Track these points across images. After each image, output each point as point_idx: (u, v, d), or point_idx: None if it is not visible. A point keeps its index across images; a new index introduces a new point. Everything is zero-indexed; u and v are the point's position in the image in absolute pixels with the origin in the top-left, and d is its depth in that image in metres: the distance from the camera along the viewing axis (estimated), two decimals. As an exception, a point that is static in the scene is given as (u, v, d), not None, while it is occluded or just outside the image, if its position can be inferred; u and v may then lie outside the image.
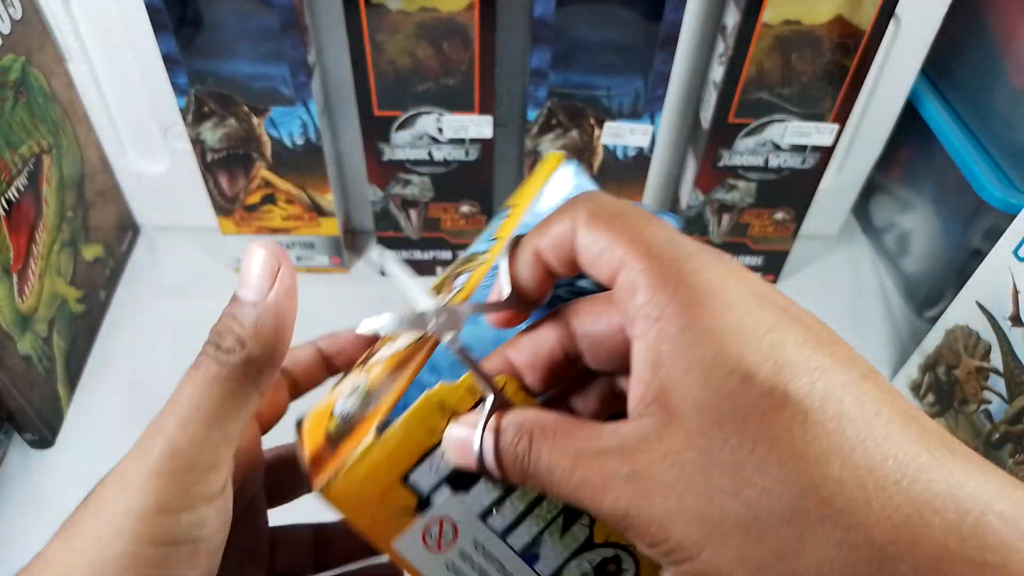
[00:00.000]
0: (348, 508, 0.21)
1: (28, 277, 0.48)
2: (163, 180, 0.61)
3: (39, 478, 0.49)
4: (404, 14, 0.45)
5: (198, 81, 0.48)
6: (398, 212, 0.57)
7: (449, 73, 0.48)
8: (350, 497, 0.20)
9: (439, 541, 0.21)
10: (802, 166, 0.54)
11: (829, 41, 0.47)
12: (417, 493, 0.21)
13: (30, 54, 0.48)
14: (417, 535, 0.21)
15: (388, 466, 0.20)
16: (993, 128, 0.52)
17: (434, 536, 0.21)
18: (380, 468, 0.20)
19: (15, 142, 0.46)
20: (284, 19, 0.45)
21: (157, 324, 0.58)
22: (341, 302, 0.60)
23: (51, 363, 0.50)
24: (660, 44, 0.47)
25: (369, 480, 0.20)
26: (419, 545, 0.21)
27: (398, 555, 0.21)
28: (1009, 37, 0.51)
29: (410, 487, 0.20)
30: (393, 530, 0.21)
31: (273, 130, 0.51)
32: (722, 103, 0.50)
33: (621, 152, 0.53)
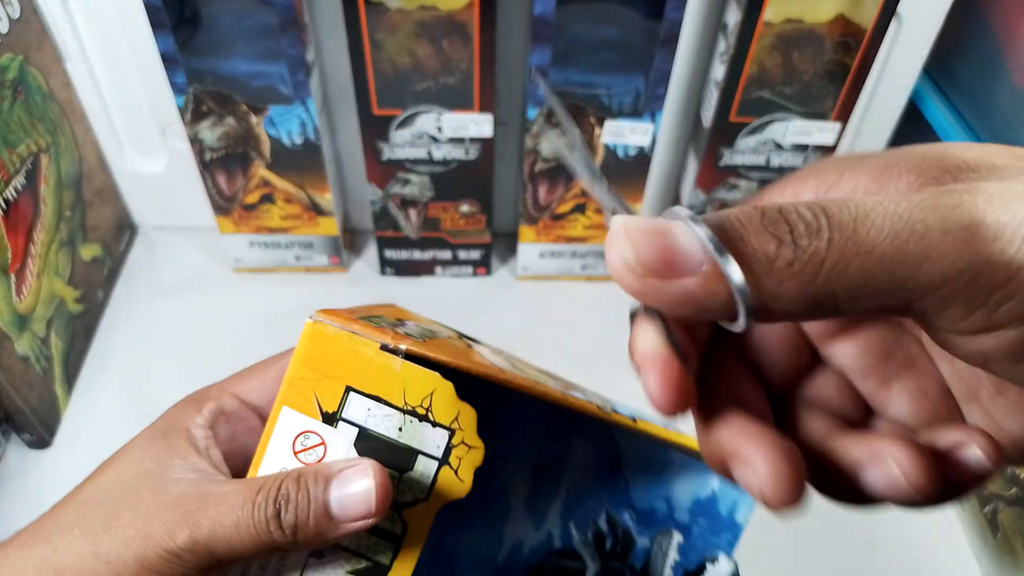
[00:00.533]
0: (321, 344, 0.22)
1: (26, 277, 0.47)
2: (161, 179, 0.61)
3: (37, 478, 0.49)
4: (403, 12, 0.45)
5: (196, 80, 0.48)
6: (397, 211, 0.57)
7: (449, 71, 0.48)
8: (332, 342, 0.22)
9: (307, 451, 0.22)
10: (804, 165, 0.54)
11: (831, 40, 0.47)
12: (341, 404, 0.22)
13: (28, 53, 0.48)
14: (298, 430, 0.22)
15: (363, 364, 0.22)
16: (995, 127, 0.52)
17: (303, 445, 0.22)
18: (367, 358, 0.22)
19: (13, 141, 0.46)
20: (283, 17, 0.45)
21: (155, 324, 0.58)
22: (339, 302, 0.60)
23: (49, 363, 0.50)
24: (661, 42, 0.47)
25: (351, 351, 0.22)
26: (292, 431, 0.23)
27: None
28: (1011, 36, 0.51)
29: (340, 403, 0.22)
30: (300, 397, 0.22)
31: (272, 129, 0.51)
32: (723, 102, 0.50)
33: (622, 151, 0.53)
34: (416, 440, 0.22)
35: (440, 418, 0.22)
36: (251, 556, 0.21)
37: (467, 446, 0.22)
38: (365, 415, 0.22)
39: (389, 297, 0.61)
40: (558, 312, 0.61)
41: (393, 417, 0.22)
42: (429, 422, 0.22)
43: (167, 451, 0.23)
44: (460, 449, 0.22)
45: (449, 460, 0.22)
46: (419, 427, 0.22)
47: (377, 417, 0.22)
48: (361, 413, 0.22)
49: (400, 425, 0.22)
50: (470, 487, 0.22)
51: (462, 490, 0.22)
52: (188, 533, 0.20)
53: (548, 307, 0.61)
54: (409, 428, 0.22)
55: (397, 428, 0.22)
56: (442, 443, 0.22)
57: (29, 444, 0.50)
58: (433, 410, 0.22)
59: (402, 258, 0.61)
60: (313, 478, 0.21)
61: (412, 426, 0.22)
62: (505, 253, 0.64)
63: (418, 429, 0.22)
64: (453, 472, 0.22)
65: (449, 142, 0.52)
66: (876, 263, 0.14)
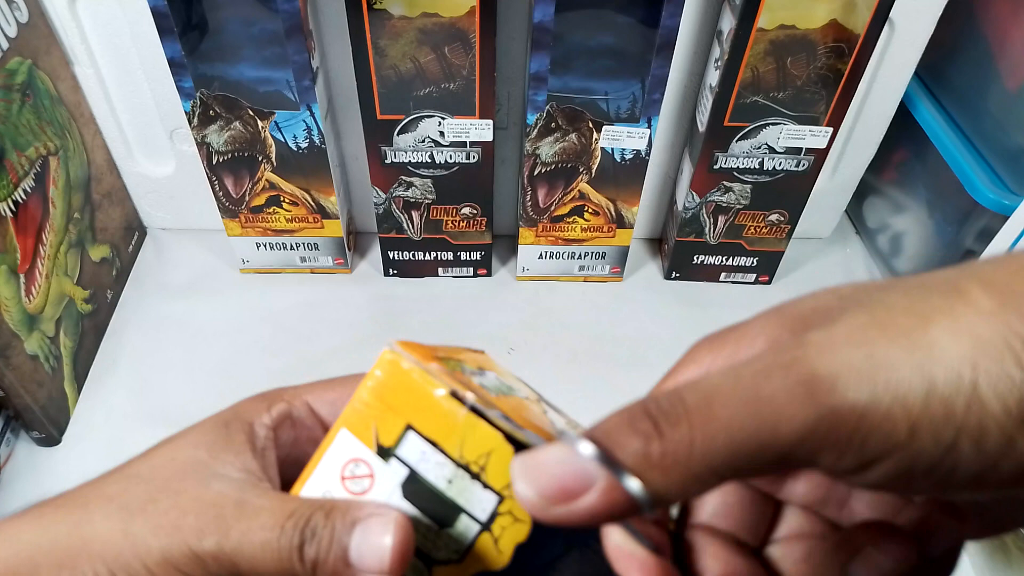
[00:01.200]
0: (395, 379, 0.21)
1: (35, 277, 0.48)
2: (169, 182, 0.61)
3: (46, 476, 0.49)
4: (406, 20, 0.45)
5: (203, 85, 0.49)
6: (400, 214, 0.57)
7: (450, 78, 0.48)
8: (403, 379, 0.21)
9: (354, 479, 0.22)
10: (797, 168, 0.55)
11: (824, 45, 0.48)
12: (398, 440, 0.21)
13: (36, 57, 0.49)
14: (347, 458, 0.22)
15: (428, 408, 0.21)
16: (986, 130, 0.53)
17: (351, 472, 0.22)
18: (427, 399, 0.21)
19: (22, 144, 0.47)
20: (288, 24, 0.46)
21: (163, 324, 0.59)
22: (344, 302, 0.61)
23: (58, 362, 0.51)
24: (657, 49, 0.47)
25: (415, 389, 0.21)
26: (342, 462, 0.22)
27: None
28: (1002, 40, 0.51)
29: (398, 439, 0.21)
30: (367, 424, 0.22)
31: (277, 133, 0.52)
32: (718, 107, 0.51)
33: (619, 155, 0.54)
34: (463, 497, 0.21)
35: (492, 481, 0.21)
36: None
37: (514, 518, 0.21)
38: (419, 457, 0.21)
39: (392, 298, 0.62)
40: (558, 312, 0.61)
41: (446, 467, 0.21)
42: (480, 482, 0.21)
43: (224, 442, 0.22)
44: (506, 519, 0.21)
45: (492, 527, 0.21)
46: (469, 484, 0.21)
47: (430, 463, 0.21)
48: (415, 455, 0.21)
49: (451, 477, 0.21)
50: (507, 562, 0.21)
51: (499, 562, 0.21)
52: (216, 540, 0.20)
53: (548, 307, 0.62)
54: (459, 483, 0.21)
55: (447, 480, 0.21)
56: (489, 507, 0.21)
57: (38, 442, 0.51)
58: (487, 471, 0.21)
59: (405, 259, 0.61)
60: (341, 517, 0.20)
61: (462, 482, 0.21)
62: (505, 254, 0.65)
63: (468, 486, 0.21)
64: (493, 541, 0.21)
65: (451, 146, 0.52)
66: (737, 435, 0.15)
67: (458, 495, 0.21)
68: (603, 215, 0.58)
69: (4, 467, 0.49)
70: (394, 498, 0.21)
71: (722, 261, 0.62)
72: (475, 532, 0.21)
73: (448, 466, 0.21)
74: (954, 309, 0.15)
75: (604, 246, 0.61)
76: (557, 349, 0.59)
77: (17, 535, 0.21)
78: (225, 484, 0.21)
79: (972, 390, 0.14)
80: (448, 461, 0.21)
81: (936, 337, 0.14)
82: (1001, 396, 0.14)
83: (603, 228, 0.59)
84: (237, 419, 0.23)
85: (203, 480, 0.21)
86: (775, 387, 0.15)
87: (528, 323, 0.60)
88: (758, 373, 0.15)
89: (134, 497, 0.21)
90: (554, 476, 0.16)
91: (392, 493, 0.21)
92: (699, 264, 0.63)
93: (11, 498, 0.48)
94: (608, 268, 0.63)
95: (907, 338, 0.15)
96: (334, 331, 0.59)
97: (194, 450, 0.22)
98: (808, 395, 0.14)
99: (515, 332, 0.59)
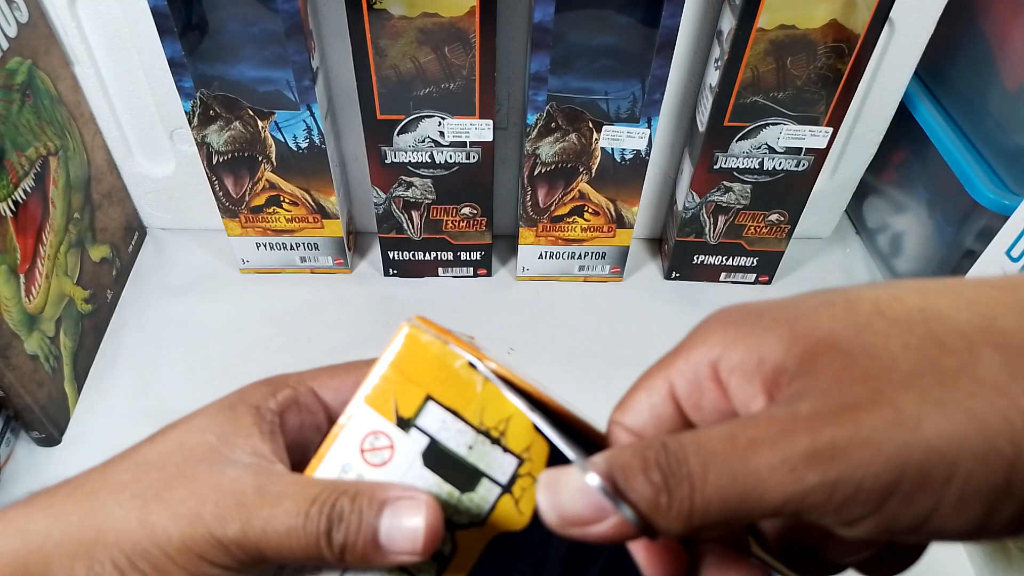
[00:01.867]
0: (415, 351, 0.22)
1: (35, 277, 0.48)
2: (169, 182, 0.61)
3: (46, 476, 0.49)
4: (406, 20, 0.45)
5: (203, 85, 0.49)
6: (400, 214, 0.57)
7: (450, 78, 0.48)
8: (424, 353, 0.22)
9: (374, 451, 0.22)
10: (796, 168, 0.55)
11: (824, 45, 0.48)
12: (418, 411, 0.22)
13: (36, 57, 0.49)
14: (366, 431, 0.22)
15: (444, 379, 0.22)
16: (986, 130, 0.53)
17: (371, 445, 0.22)
18: (447, 370, 0.22)
19: (22, 144, 0.47)
20: (288, 24, 0.46)
21: (163, 324, 0.59)
22: (344, 302, 0.61)
23: (58, 362, 0.51)
24: (657, 49, 0.47)
25: (433, 361, 0.22)
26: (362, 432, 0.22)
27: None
28: (1002, 40, 0.51)
29: (418, 410, 0.22)
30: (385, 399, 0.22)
31: (278, 133, 0.52)
32: (718, 107, 0.51)
33: (619, 155, 0.54)
34: (484, 462, 0.22)
35: (512, 445, 0.22)
36: (299, 562, 0.21)
37: (533, 478, 0.22)
38: (439, 426, 0.22)
39: (392, 298, 0.62)
40: (557, 312, 0.61)
41: (466, 434, 0.22)
42: (500, 446, 0.22)
43: (231, 426, 0.22)
44: (526, 480, 0.22)
45: (512, 489, 0.22)
46: (489, 449, 0.22)
47: (451, 431, 0.22)
48: (435, 424, 0.22)
49: (471, 444, 0.22)
50: (528, 522, 0.22)
51: (519, 523, 0.22)
52: (239, 527, 0.20)
53: (548, 307, 0.62)
54: (479, 448, 0.22)
55: (468, 446, 0.22)
56: (509, 470, 0.22)
57: (38, 442, 0.51)
58: (507, 435, 0.22)
59: (405, 259, 0.61)
60: (368, 500, 0.21)
61: (483, 447, 0.22)
62: (505, 254, 0.65)
63: (488, 451, 0.22)
64: (514, 502, 0.22)
65: (451, 146, 0.52)
66: (730, 500, 0.16)
67: (479, 460, 0.22)
68: (603, 215, 0.58)
69: (4, 467, 0.49)
70: (415, 467, 0.22)
71: (722, 261, 0.62)
72: (496, 495, 0.22)
73: (468, 433, 0.22)
74: (958, 382, 0.16)
75: (604, 246, 0.61)
76: (557, 349, 0.59)
77: (26, 525, 0.21)
78: (239, 469, 0.21)
79: (953, 467, 0.15)
80: (468, 428, 0.22)
81: (927, 416, 0.15)
82: (988, 471, 0.15)
83: (603, 228, 0.59)
84: (242, 403, 0.23)
85: (216, 465, 0.21)
86: (763, 462, 0.16)
87: (528, 323, 0.60)
88: (751, 444, 0.17)
89: (147, 485, 0.21)
90: (573, 505, 0.18)
91: (413, 462, 0.22)
92: (699, 264, 0.63)
93: (11, 498, 0.48)
94: (608, 268, 0.63)
95: (897, 413, 0.15)
96: (334, 331, 0.59)
97: (202, 435, 0.22)
98: (791, 472, 0.16)
99: (515, 332, 0.59)
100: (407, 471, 0.22)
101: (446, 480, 0.22)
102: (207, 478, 0.21)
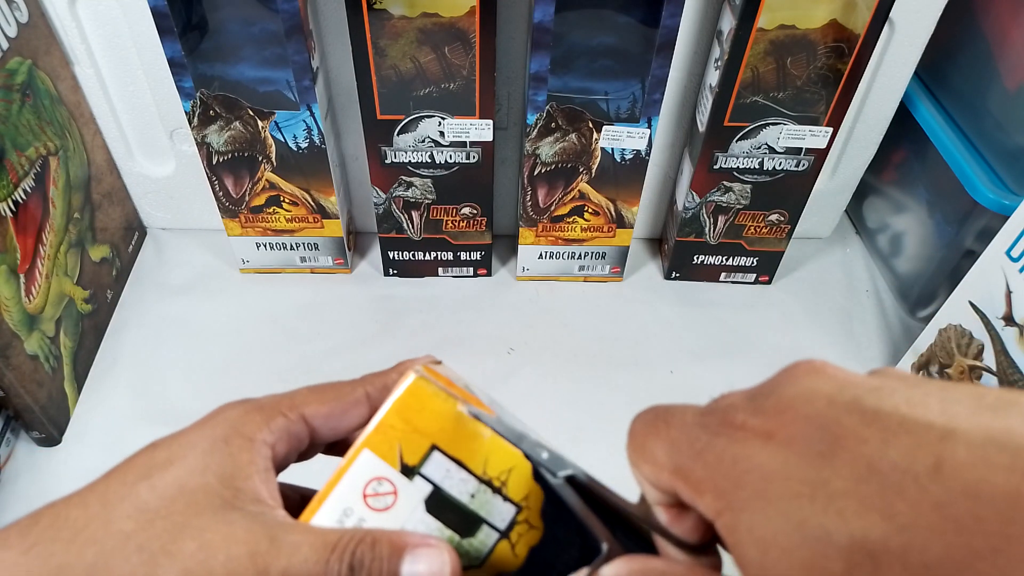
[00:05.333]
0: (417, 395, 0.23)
1: (35, 277, 0.48)
2: (169, 182, 0.61)
3: (46, 476, 0.49)
4: (406, 20, 0.45)
5: (204, 85, 0.49)
6: (400, 214, 0.57)
7: (450, 78, 0.48)
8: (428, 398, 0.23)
9: (377, 496, 0.23)
10: (796, 168, 0.55)
11: (824, 45, 0.48)
12: (423, 459, 0.22)
13: (36, 57, 0.49)
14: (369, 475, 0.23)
15: (443, 426, 0.23)
16: (986, 130, 0.53)
17: (374, 491, 0.23)
18: (448, 420, 0.23)
19: (22, 144, 0.47)
20: (288, 24, 0.46)
21: (163, 324, 0.59)
22: (344, 302, 0.61)
23: (58, 362, 0.51)
24: (657, 49, 0.47)
25: (438, 412, 0.23)
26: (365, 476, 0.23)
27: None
28: (1002, 40, 0.51)
29: (423, 458, 0.22)
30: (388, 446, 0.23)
31: (278, 133, 0.52)
32: (718, 107, 0.51)
33: (619, 155, 0.54)
34: (485, 510, 0.22)
35: (512, 494, 0.23)
36: None
37: (529, 525, 0.23)
38: (443, 475, 0.22)
39: (392, 297, 0.62)
40: (557, 312, 0.61)
41: (469, 483, 0.22)
42: (501, 495, 0.23)
43: (230, 464, 0.22)
44: (522, 527, 0.23)
45: (510, 535, 0.23)
46: (491, 498, 0.23)
47: (454, 480, 0.22)
48: (439, 472, 0.22)
49: (474, 492, 0.22)
50: (522, 563, 0.23)
51: (514, 565, 0.23)
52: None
53: (547, 307, 0.62)
54: (481, 497, 0.23)
55: (470, 494, 0.22)
56: (508, 517, 0.23)
57: (38, 442, 0.51)
58: (508, 485, 0.23)
59: (405, 259, 0.61)
60: (388, 547, 0.21)
61: (484, 496, 0.22)
62: (505, 254, 0.65)
63: (489, 500, 0.23)
64: (511, 547, 0.23)
65: (451, 146, 0.52)
66: None
67: (480, 507, 0.23)
68: (603, 215, 0.58)
69: (4, 467, 0.49)
70: (418, 512, 0.23)
71: (722, 261, 0.62)
72: (495, 540, 0.23)
73: (471, 482, 0.23)
74: None
75: (604, 246, 0.61)
76: (557, 349, 0.59)
77: (27, 571, 0.20)
78: (247, 518, 0.21)
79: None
80: (471, 477, 0.23)
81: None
82: None
83: (603, 228, 0.59)
84: (237, 435, 0.22)
85: (222, 513, 0.21)
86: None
87: (528, 323, 0.60)
88: None
89: (153, 536, 0.20)
90: None
91: (416, 508, 0.22)
92: (699, 264, 0.63)
93: (11, 498, 0.48)
94: (608, 268, 0.63)
95: None
96: (334, 331, 0.59)
97: (202, 477, 0.21)
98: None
99: (515, 332, 0.59)
100: (409, 516, 0.22)
101: (447, 525, 0.22)
102: (215, 528, 0.20)
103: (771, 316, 0.62)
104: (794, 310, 0.62)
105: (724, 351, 0.59)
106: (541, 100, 0.50)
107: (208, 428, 0.23)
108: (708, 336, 0.60)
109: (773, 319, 0.62)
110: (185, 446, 0.22)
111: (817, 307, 0.63)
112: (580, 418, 0.54)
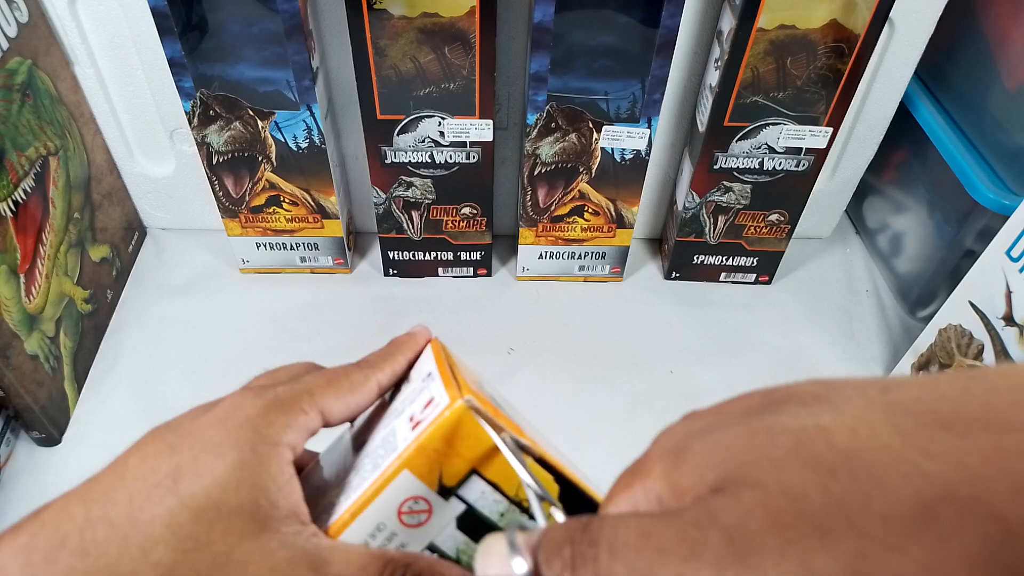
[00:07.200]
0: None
1: (35, 277, 0.48)
2: (169, 182, 0.61)
3: (46, 476, 0.49)
4: (406, 20, 0.45)
5: (204, 85, 0.49)
6: (400, 214, 0.57)
7: (450, 78, 0.48)
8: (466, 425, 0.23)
9: (412, 514, 0.23)
10: (796, 168, 0.55)
11: (824, 45, 0.48)
12: (461, 482, 0.23)
13: (36, 57, 0.49)
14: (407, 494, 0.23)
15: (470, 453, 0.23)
16: (986, 130, 0.53)
17: (410, 508, 0.23)
18: (476, 447, 0.23)
19: (22, 144, 0.47)
20: (288, 24, 0.46)
21: (163, 324, 0.59)
22: (344, 301, 0.61)
23: (58, 362, 0.51)
24: (657, 49, 0.47)
25: (470, 439, 0.23)
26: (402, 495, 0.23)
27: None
28: (1002, 40, 0.51)
29: (461, 481, 0.23)
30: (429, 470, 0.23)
31: (278, 133, 0.52)
32: (718, 107, 0.51)
33: (619, 155, 0.54)
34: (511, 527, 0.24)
35: (538, 513, 0.24)
36: None
37: None
38: (478, 496, 0.23)
39: (392, 297, 0.62)
40: (557, 312, 0.61)
41: (500, 504, 0.23)
42: (528, 514, 0.24)
43: (260, 477, 0.21)
44: None
45: None
46: (518, 517, 0.24)
47: (487, 500, 0.23)
48: (475, 494, 0.23)
49: (503, 512, 0.24)
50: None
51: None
52: None
53: (547, 307, 0.62)
54: (509, 515, 0.24)
55: (500, 513, 0.24)
56: None
57: (38, 442, 0.51)
58: (535, 505, 0.24)
59: (405, 259, 0.61)
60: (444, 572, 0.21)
61: (513, 515, 0.24)
62: (505, 254, 0.65)
63: (517, 518, 0.24)
64: None
65: (451, 146, 0.52)
66: None
67: (508, 525, 0.24)
68: (603, 215, 0.58)
69: (4, 467, 0.49)
70: (449, 528, 0.24)
71: (722, 261, 0.62)
72: None
73: (503, 503, 0.24)
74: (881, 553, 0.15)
75: (604, 246, 0.61)
76: (557, 349, 0.59)
77: None
78: (286, 547, 0.20)
79: None
80: (503, 499, 0.24)
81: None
82: None
83: (603, 228, 0.59)
84: (263, 442, 0.22)
85: (262, 542, 0.20)
86: (666, 573, 0.16)
87: (528, 323, 0.60)
88: (660, 552, 0.16)
89: (193, 571, 0.20)
90: (493, 571, 0.18)
91: (448, 525, 0.24)
92: (699, 264, 0.63)
93: (11, 498, 0.48)
94: (608, 268, 0.63)
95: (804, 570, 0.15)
96: (334, 331, 0.59)
97: (236, 496, 0.21)
98: None
99: (515, 332, 0.59)
100: (440, 532, 0.24)
101: (474, 540, 0.24)
102: (258, 562, 0.20)
103: (771, 316, 0.62)
104: (794, 310, 0.62)
105: (724, 351, 0.59)
106: (541, 100, 0.50)
107: (229, 429, 0.22)
108: (708, 336, 0.60)
109: (773, 319, 0.62)
110: (208, 449, 0.21)
111: (817, 307, 0.63)
112: (580, 418, 0.54)
